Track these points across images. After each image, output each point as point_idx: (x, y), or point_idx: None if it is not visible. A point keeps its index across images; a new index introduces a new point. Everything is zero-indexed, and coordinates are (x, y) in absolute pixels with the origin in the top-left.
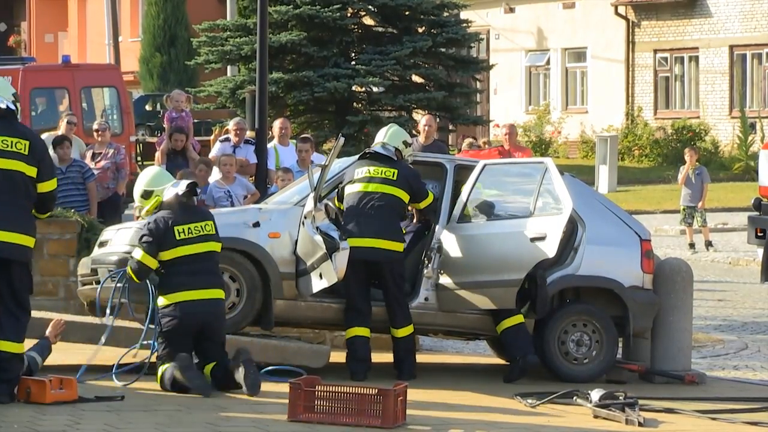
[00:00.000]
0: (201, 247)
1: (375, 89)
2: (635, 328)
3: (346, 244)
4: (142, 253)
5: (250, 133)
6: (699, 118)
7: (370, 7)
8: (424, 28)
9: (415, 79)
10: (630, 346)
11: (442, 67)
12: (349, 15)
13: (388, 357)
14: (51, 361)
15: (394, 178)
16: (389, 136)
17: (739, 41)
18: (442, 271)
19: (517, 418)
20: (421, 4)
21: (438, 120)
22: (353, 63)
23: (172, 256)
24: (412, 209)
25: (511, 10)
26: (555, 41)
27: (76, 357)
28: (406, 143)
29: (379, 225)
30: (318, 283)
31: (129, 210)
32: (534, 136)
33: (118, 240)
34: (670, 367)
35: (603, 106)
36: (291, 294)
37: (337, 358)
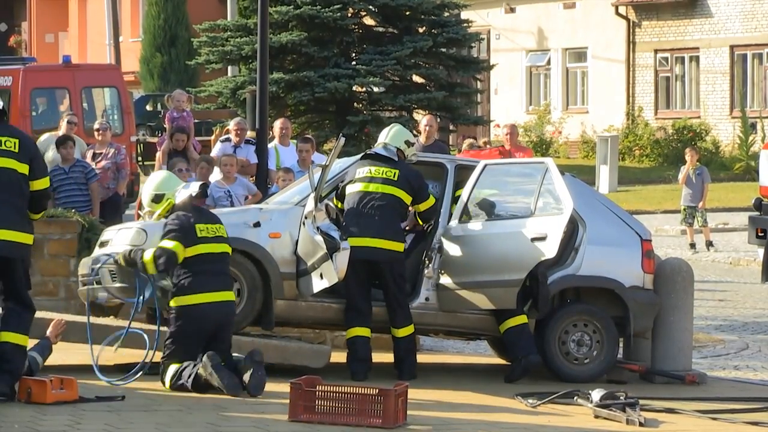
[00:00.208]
0: (218, 247)
1: (375, 89)
2: (636, 328)
3: (347, 244)
4: (174, 242)
5: (250, 134)
6: (699, 118)
7: (371, 7)
8: (424, 28)
9: (416, 79)
10: (631, 346)
11: (443, 67)
12: (349, 15)
13: (388, 357)
14: (51, 361)
15: (395, 179)
16: (391, 137)
17: (740, 41)
18: (443, 271)
19: (517, 418)
20: (421, 4)
21: (439, 120)
22: (354, 63)
23: (193, 253)
24: (413, 210)
25: (512, 10)
26: (555, 41)
27: (77, 357)
28: (408, 143)
29: (379, 225)
30: (318, 283)
31: (129, 210)
32: (534, 136)
33: (118, 240)
34: (671, 367)
35: (603, 106)
36: (291, 294)
37: (337, 358)
